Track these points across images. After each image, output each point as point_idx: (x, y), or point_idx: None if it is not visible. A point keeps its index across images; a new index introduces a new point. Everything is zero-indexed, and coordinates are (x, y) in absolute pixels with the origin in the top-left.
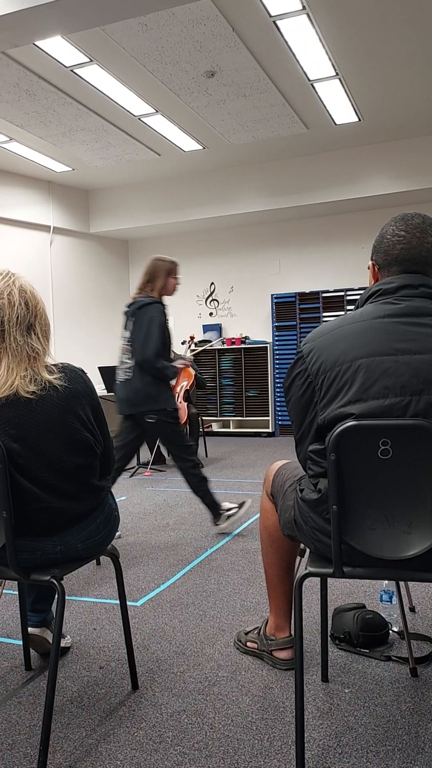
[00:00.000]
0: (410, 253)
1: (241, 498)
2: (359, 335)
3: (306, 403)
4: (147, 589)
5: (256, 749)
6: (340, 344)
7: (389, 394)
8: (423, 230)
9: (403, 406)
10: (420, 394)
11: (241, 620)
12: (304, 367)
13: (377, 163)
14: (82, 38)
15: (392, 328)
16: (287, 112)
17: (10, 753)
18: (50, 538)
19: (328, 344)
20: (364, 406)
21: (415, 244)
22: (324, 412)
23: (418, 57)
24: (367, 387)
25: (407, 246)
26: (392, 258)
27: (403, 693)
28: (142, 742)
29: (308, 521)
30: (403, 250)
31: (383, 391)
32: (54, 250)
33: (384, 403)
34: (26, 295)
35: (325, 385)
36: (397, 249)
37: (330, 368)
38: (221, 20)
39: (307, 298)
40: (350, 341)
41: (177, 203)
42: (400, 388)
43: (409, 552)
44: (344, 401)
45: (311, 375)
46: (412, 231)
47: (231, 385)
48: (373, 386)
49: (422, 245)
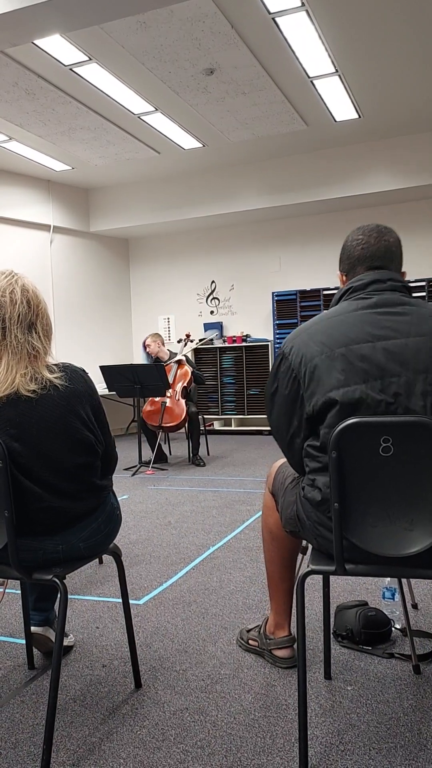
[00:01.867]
0: (370, 251)
1: (242, 496)
2: (336, 327)
3: (293, 397)
4: (149, 588)
5: (259, 747)
6: (319, 337)
7: (369, 378)
8: (379, 232)
9: (383, 388)
10: (399, 375)
11: (243, 618)
12: (287, 364)
13: (377, 160)
14: (81, 37)
15: (367, 318)
16: (287, 109)
17: (14, 752)
18: (52, 537)
19: (308, 339)
20: (348, 390)
21: (373, 243)
22: (311, 401)
23: (418, 53)
24: (348, 373)
25: (366, 246)
26: (355, 259)
27: (405, 690)
28: (145, 740)
29: (311, 517)
30: (363, 250)
31: (363, 375)
32: (54, 249)
33: (365, 387)
34: (28, 294)
35: (308, 374)
36: (357, 251)
37: (311, 359)
38: (220, 18)
39: (307, 296)
40: (329, 333)
41: (177, 201)
42: (379, 370)
43: (411, 549)
44: (329, 387)
45: (294, 369)
46: (368, 233)
47: (232, 383)
48: (354, 372)
49: (380, 243)
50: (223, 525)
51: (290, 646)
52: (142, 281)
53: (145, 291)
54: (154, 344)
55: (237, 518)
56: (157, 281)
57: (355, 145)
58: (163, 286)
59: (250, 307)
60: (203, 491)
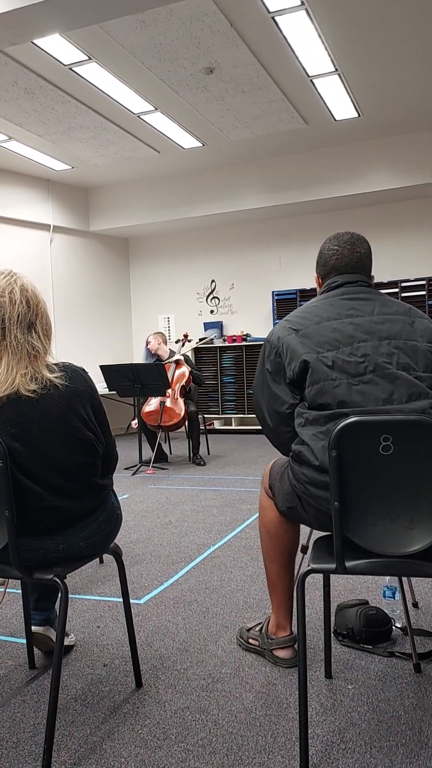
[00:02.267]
0: (343, 261)
1: (242, 495)
2: (310, 311)
3: (277, 369)
4: (150, 587)
5: (260, 745)
6: (295, 320)
7: (340, 345)
8: (352, 243)
9: (352, 351)
10: (365, 341)
11: (243, 617)
12: (270, 346)
13: (377, 158)
14: (81, 36)
15: (337, 302)
16: (286, 108)
17: (15, 751)
18: (52, 536)
19: (284, 324)
20: (322, 356)
21: (347, 254)
22: (290, 367)
23: (418, 52)
24: (321, 342)
25: (340, 256)
26: (330, 267)
27: (406, 689)
28: (146, 739)
29: (300, 477)
30: (337, 260)
31: (335, 343)
32: (54, 248)
33: (336, 353)
34: (27, 293)
35: (285, 346)
36: (332, 260)
37: (287, 335)
38: (219, 16)
39: (308, 295)
40: (303, 317)
41: (177, 200)
42: (348, 338)
43: (412, 547)
44: (304, 351)
45: (275, 346)
46: (343, 245)
47: (232, 383)
48: (325, 340)
49: (353, 254)
50: (224, 524)
51: (292, 645)
52: (142, 280)
53: (145, 290)
54: (154, 341)
55: (237, 517)
56: (157, 280)
57: (355, 143)
58: (163, 285)
59: (250, 306)
60: (203, 490)
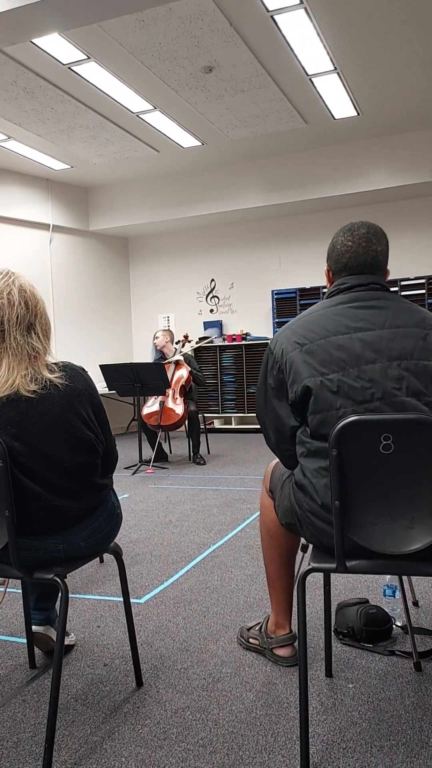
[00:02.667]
0: (357, 260)
1: (242, 495)
2: (316, 320)
3: (279, 388)
4: (150, 587)
5: (261, 745)
6: (300, 331)
7: (346, 366)
8: (368, 240)
9: (359, 374)
10: (374, 362)
11: (244, 616)
12: (273, 358)
13: (377, 157)
14: (80, 35)
15: (345, 312)
16: (286, 107)
17: (16, 751)
18: (52, 536)
19: (290, 335)
20: (326, 379)
21: (361, 253)
22: (293, 388)
23: (417, 50)
24: (326, 362)
25: (354, 255)
26: (342, 265)
27: (406, 688)
28: (147, 738)
29: (303, 505)
30: (351, 259)
31: (341, 363)
32: (53, 248)
33: (342, 374)
34: (26, 294)
35: (288, 364)
36: (345, 257)
37: (291, 350)
38: (219, 15)
39: (307, 294)
40: (308, 327)
41: (176, 200)
42: (355, 359)
43: (412, 546)
44: (305, 375)
45: (278, 361)
46: (358, 241)
47: (232, 382)
48: (331, 360)
49: (367, 253)
50: (224, 523)
51: (291, 644)
52: (141, 280)
53: (144, 290)
54: (162, 338)
55: (238, 516)
56: (156, 280)
57: (354, 142)
58: (162, 284)
59: (250, 305)
60: (204, 490)
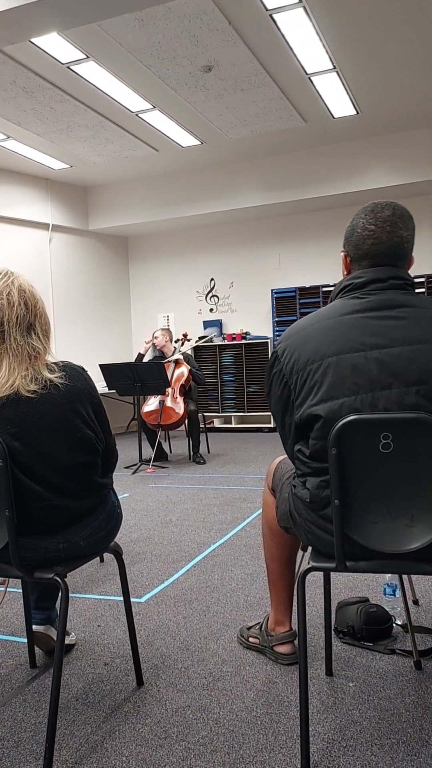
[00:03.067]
0: (380, 248)
1: (243, 494)
2: (328, 332)
3: (284, 402)
4: (151, 586)
5: (261, 744)
6: (311, 342)
7: (360, 391)
8: (393, 223)
9: (374, 402)
10: (390, 387)
11: (244, 615)
12: (279, 367)
13: (376, 156)
14: (79, 35)
15: (360, 323)
16: (285, 106)
17: (16, 750)
18: (53, 536)
19: (300, 343)
20: (336, 403)
21: (385, 239)
22: (299, 411)
23: (416, 49)
24: (337, 384)
25: (377, 241)
26: (363, 252)
27: (407, 686)
28: (148, 738)
29: (302, 514)
30: (373, 246)
31: (353, 388)
32: (53, 247)
33: (356, 400)
34: (25, 294)
35: (299, 384)
36: (367, 244)
37: (302, 367)
38: (217, 14)
39: (307, 293)
40: (320, 339)
41: (176, 199)
42: (370, 383)
43: (412, 545)
44: (316, 400)
45: (286, 375)
46: (381, 225)
47: (232, 381)
48: (343, 383)
49: (392, 239)
50: (224, 522)
51: (291, 641)
52: (141, 279)
53: (144, 289)
54: (162, 337)
55: (238, 515)
56: (156, 279)
57: (354, 141)
58: (162, 284)
59: (250, 304)
60: (204, 489)
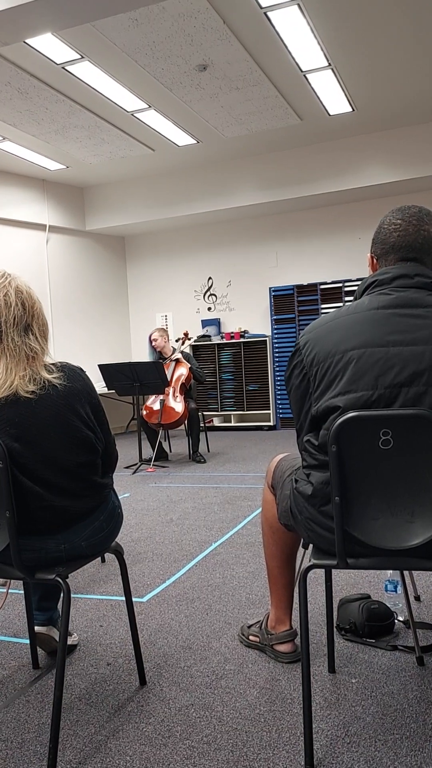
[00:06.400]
0: (406, 240)
1: (243, 492)
2: (352, 326)
3: (302, 393)
4: (152, 585)
5: (265, 741)
6: (334, 335)
7: (379, 386)
8: (419, 218)
9: (392, 398)
10: (409, 385)
11: (246, 613)
12: (300, 358)
13: (372, 152)
14: (73, 35)
15: (385, 319)
16: (281, 103)
17: (20, 751)
18: (54, 536)
19: (323, 336)
20: (354, 397)
21: (411, 231)
22: (317, 403)
23: (411, 45)
24: (357, 378)
25: (403, 233)
26: (389, 246)
27: (409, 682)
28: (151, 737)
29: (303, 511)
30: (400, 238)
31: (373, 383)
32: (50, 248)
33: (373, 395)
34: (23, 295)
35: (318, 376)
36: (393, 237)
37: (323, 359)
38: (212, 13)
39: (305, 291)
40: (343, 333)
41: (172, 198)
42: (390, 379)
43: (413, 541)
44: (335, 392)
45: (306, 366)
46: (408, 219)
47: (231, 380)
48: (363, 377)
49: (419, 233)
50: (225, 521)
51: (291, 640)
52: (139, 279)
53: (142, 288)
54: (161, 338)
55: (238, 514)
56: (154, 278)
57: (350, 138)
58: (160, 283)
59: (248, 302)
60: (204, 488)
